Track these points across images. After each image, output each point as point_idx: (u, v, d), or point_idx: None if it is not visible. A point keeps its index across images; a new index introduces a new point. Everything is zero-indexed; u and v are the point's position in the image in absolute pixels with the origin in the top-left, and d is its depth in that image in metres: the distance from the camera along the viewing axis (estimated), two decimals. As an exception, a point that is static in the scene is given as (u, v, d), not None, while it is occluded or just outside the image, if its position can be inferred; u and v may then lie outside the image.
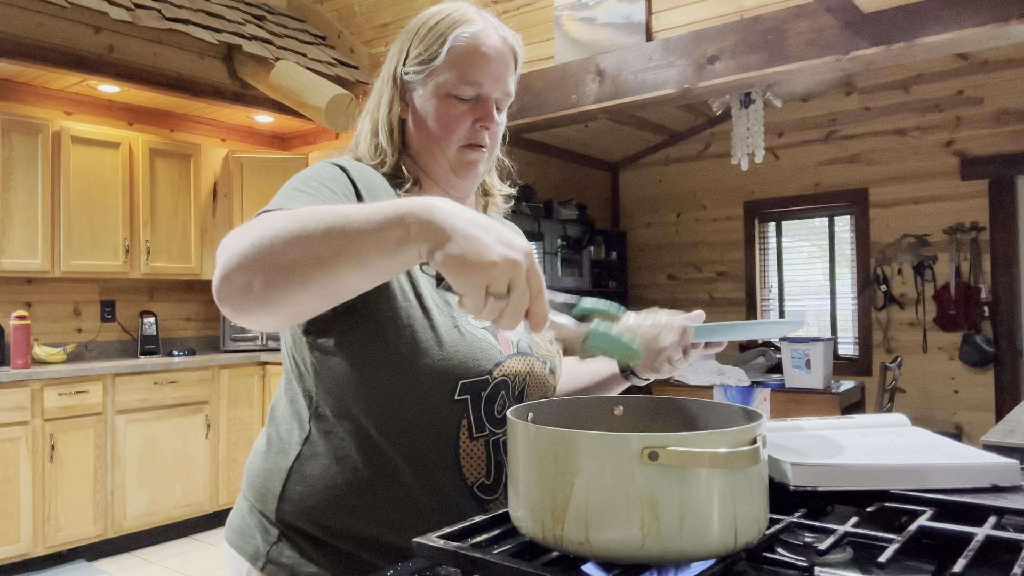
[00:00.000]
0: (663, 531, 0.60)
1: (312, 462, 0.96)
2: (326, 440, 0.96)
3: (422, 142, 1.04)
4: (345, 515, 0.94)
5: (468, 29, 1.00)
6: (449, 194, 1.07)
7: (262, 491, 1.00)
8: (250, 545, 0.99)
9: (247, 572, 0.99)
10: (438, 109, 1.01)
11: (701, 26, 3.48)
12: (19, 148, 3.83)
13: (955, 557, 0.61)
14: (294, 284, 0.72)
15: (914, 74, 5.75)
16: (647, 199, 7.30)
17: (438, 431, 0.93)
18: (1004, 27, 2.79)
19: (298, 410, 1.00)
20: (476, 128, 1.02)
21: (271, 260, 0.72)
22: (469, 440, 0.94)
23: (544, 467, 0.64)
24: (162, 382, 4.11)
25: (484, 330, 0.98)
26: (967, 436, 5.47)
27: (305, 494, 0.96)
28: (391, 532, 0.93)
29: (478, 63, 1.00)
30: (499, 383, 0.96)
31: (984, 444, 1.69)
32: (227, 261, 0.75)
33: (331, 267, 0.71)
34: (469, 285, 0.66)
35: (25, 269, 3.86)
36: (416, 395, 0.92)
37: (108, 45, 3.94)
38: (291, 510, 0.96)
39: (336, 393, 0.95)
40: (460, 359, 0.93)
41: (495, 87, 1.02)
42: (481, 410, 0.95)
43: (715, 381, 3.99)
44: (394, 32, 4.66)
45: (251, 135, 5.28)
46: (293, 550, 0.96)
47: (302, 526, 0.95)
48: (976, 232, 5.51)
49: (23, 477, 3.56)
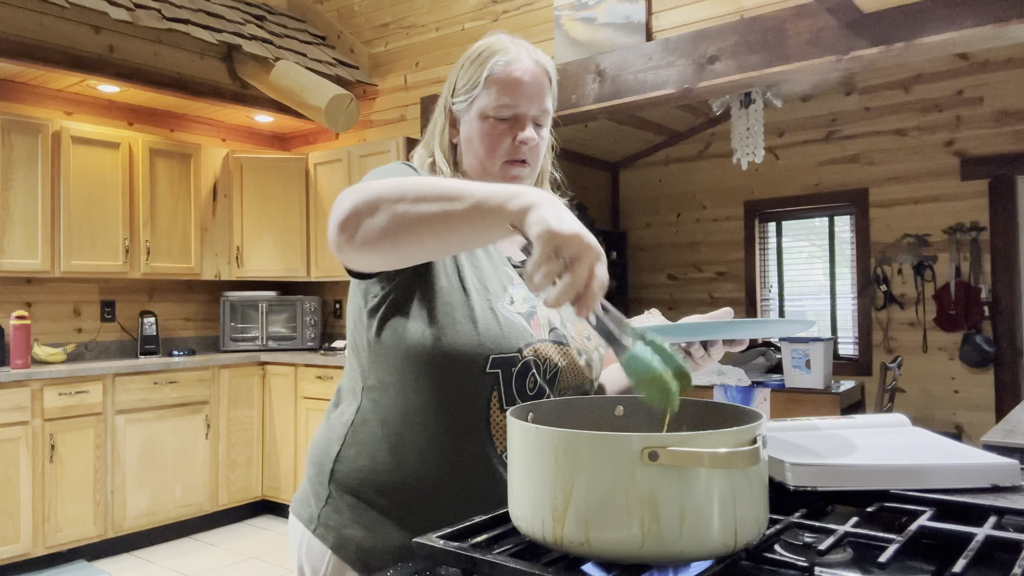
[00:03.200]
0: (663, 531, 0.60)
1: (363, 428, 1.08)
2: (375, 408, 1.08)
3: (471, 161, 1.16)
4: (387, 477, 1.05)
5: (504, 57, 1.13)
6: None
7: (321, 457, 1.12)
8: (306, 511, 1.11)
9: (302, 536, 1.10)
10: (481, 130, 1.14)
11: (701, 26, 3.48)
12: (19, 148, 3.83)
13: (955, 557, 0.61)
14: (406, 234, 0.84)
15: (914, 74, 5.75)
16: (647, 199, 7.30)
17: (471, 401, 1.03)
18: (1004, 27, 2.79)
19: (354, 385, 1.12)
20: (516, 144, 1.13)
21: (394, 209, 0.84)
22: (499, 411, 1.04)
23: (544, 467, 0.64)
24: (162, 382, 4.11)
25: (519, 315, 1.08)
26: (967, 436, 5.47)
27: (356, 456, 1.08)
28: (427, 496, 1.03)
29: (513, 86, 1.12)
30: (528, 362, 1.05)
31: (984, 444, 1.69)
32: (355, 203, 0.87)
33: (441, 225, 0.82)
34: (543, 241, 0.73)
35: (25, 269, 3.86)
36: (452, 366, 1.02)
37: (108, 45, 3.94)
38: (343, 471, 1.08)
39: (385, 364, 1.07)
40: (492, 336, 1.03)
41: (530, 106, 1.13)
42: (512, 384, 1.04)
43: (715, 381, 3.99)
44: (394, 32, 4.66)
45: (251, 135, 5.28)
46: (340, 513, 1.07)
47: (351, 486, 1.07)
48: (976, 232, 5.51)
49: (23, 477, 3.56)
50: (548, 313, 1.13)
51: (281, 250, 4.82)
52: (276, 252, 4.81)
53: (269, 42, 4.36)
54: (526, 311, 1.09)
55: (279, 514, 4.62)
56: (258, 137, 5.33)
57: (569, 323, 1.15)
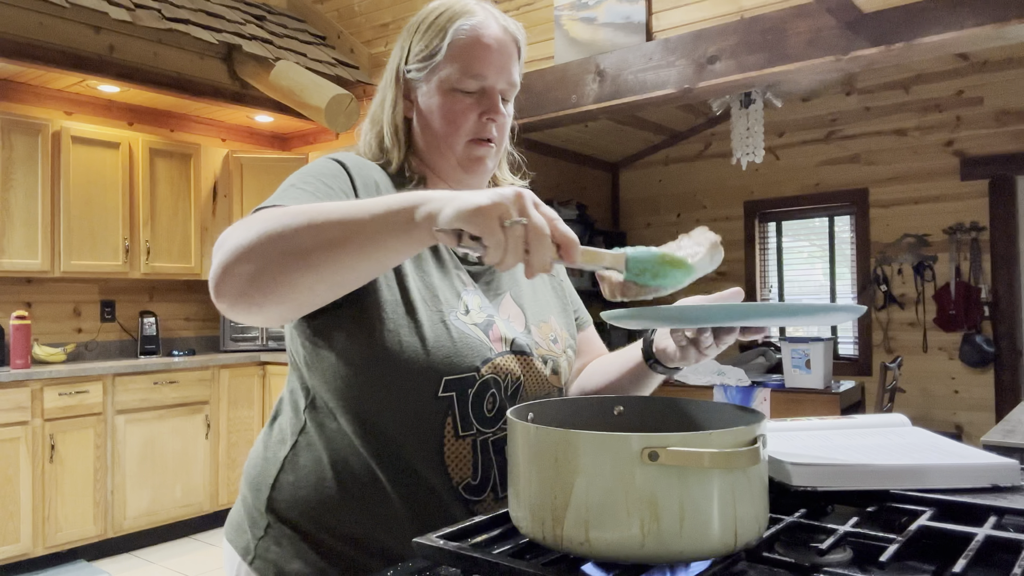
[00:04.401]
0: (663, 531, 0.60)
1: (305, 452, 0.96)
2: (319, 431, 0.96)
3: (428, 139, 1.02)
4: (331, 508, 0.93)
5: (468, 21, 0.99)
6: (456, 189, 1.05)
7: (257, 481, 1.00)
8: (242, 539, 0.99)
9: (239, 567, 0.98)
10: (443, 105, 1.00)
11: (701, 26, 3.48)
12: (19, 148, 3.83)
13: (955, 557, 0.61)
14: (304, 269, 0.73)
15: (914, 74, 5.74)
16: (647, 199, 7.30)
17: (422, 428, 0.91)
18: (1004, 27, 2.79)
19: (296, 400, 1.00)
20: (483, 121, 1.00)
21: (281, 246, 0.72)
22: (455, 439, 0.92)
23: (544, 467, 0.64)
24: (162, 382, 4.11)
25: (475, 326, 0.95)
26: (967, 436, 5.47)
27: (296, 484, 0.95)
28: (375, 529, 0.92)
29: (480, 55, 0.98)
30: (487, 381, 0.94)
31: (984, 444, 1.69)
32: (231, 251, 0.75)
33: (342, 250, 0.72)
34: (483, 223, 0.66)
35: (25, 269, 3.86)
36: (399, 391, 0.90)
37: (108, 45, 3.94)
38: (281, 499, 0.96)
39: (327, 385, 0.94)
40: (444, 355, 0.91)
41: (499, 78, 1.00)
42: (468, 408, 0.93)
43: (715, 381, 3.99)
44: (394, 32, 4.66)
45: (251, 135, 5.28)
46: (279, 546, 0.95)
47: (290, 517, 0.95)
48: (976, 232, 5.51)
49: (23, 477, 3.56)
50: (508, 320, 1.02)
51: (281, 250, 4.82)
52: (276, 252, 4.81)
53: (269, 42, 4.36)
54: (483, 321, 0.97)
55: (279, 514, 4.62)
56: (258, 137, 5.33)
57: (534, 327, 1.04)
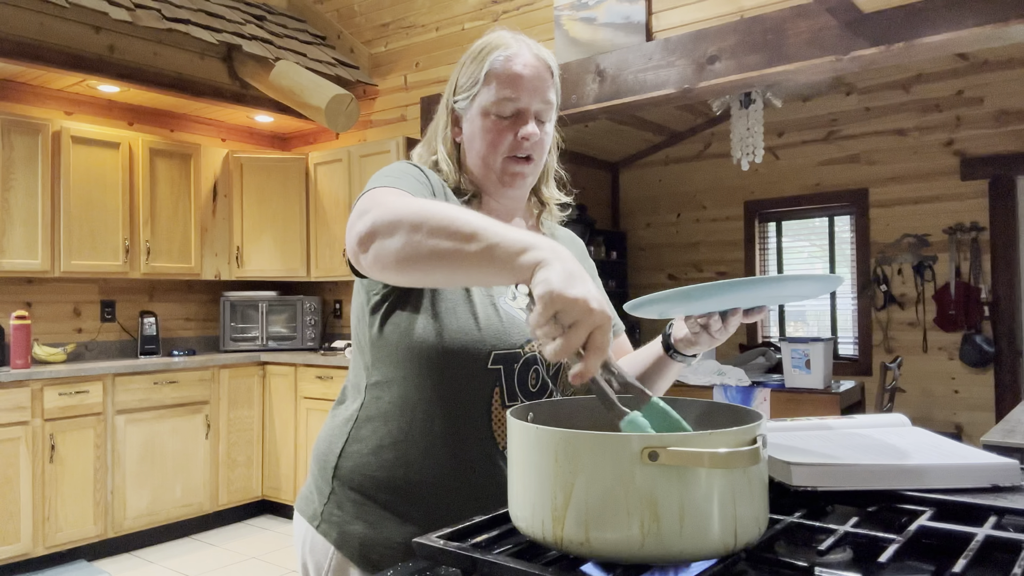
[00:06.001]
0: (663, 531, 0.60)
1: (367, 424, 1.09)
2: (378, 404, 1.09)
3: (473, 159, 1.15)
4: (388, 473, 1.05)
5: (504, 52, 1.11)
6: (502, 204, 1.18)
7: (325, 453, 1.12)
8: (309, 507, 1.12)
9: (306, 533, 1.11)
10: (482, 127, 1.12)
11: (701, 26, 3.48)
12: (19, 148, 3.83)
13: (955, 557, 0.61)
14: (436, 263, 0.83)
15: (914, 74, 5.75)
16: (647, 199, 7.30)
17: (474, 396, 1.05)
18: (1004, 27, 2.79)
19: (358, 382, 1.13)
20: (517, 140, 1.11)
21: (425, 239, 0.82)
22: (502, 407, 1.06)
23: (544, 467, 0.64)
24: (162, 382, 4.11)
25: (521, 310, 1.09)
26: (967, 436, 5.47)
27: (358, 452, 1.08)
28: (430, 492, 1.04)
29: (513, 81, 1.10)
30: (530, 358, 1.08)
31: (984, 444, 1.69)
32: (384, 219, 0.86)
33: (470, 259, 0.81)
34: (544, 303, 0.71)
35: (25, 269, 3.86)
36: (455, 361, 1.04)
37: (108, 45, 3.94)
38: (346, 466, 1.09)
39: (387, 361, 1.08)
40: (493, 332, 1.05)
41: (532, 100, 1.11)
42: (515, 380, 1.06)
43: (715, 381, 3.99)
44: (394, 32, 4.66)
45: (251, 135, 5.28)
46: (341, 509, 1.08)
47: (353, 483, 1.08)
48: (976, 232, 5.51)
49: (23, 477, 3.56)
50: None
51: (281, 250, 4.82)
52: (276, 252, 4.81)
53: (269, 42, 4.36)
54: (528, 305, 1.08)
55: (279, 514, 4.62)
56: (258, 137, 5.33)
57: None
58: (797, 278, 0.85)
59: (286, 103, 4.35)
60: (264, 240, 4.81)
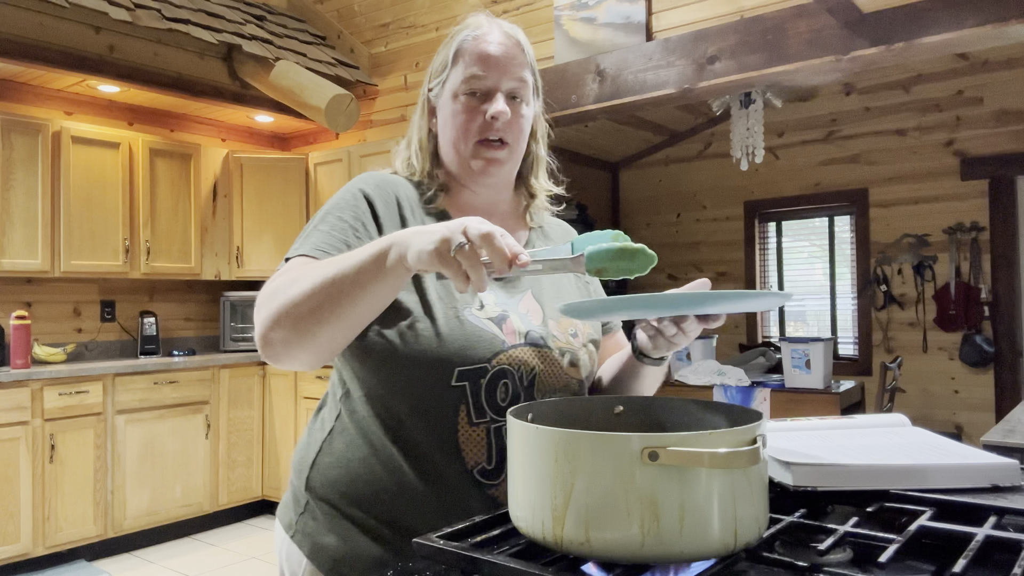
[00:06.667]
0: (663, 531, 0.60)
1: (340, 437, 1.06)
2: (351, 419, 1.06)
3: (447, 147, 1.11)
4: (360, 488, 1.02)
5: (473, 32, 1.08)
6: (481, 195, 1.13)
7: (300, 463, 1.10)
8: (286, 516, 1.10)
9: (283, 542, 1.09)
10: (452, 110, 1.08)
11: (701, 26, 3.48)
12: (19, 148, 3.83)
13: (955, 557, 0.61)
14: (320, 324, 0.88)
15: (914, 74, 5.74)
16: (647, 199, 7.30)
17: (437, 415, 0.99)
18: (1004, 27, 2.79)
19: (335, 391, 1.11)
20: (488, 121, 1.05)
21: (297, 313, 0.89)
22: (469, 426, 0.99)
23: (544, 467, 0.64)
24: (162, 382, 4.11)
25: (489, 320, 1.03)
26: (967, 436, 5.47)
27: (330, 465, 1.05)
28: (400, 510, 1.00)
29: (482, 59, 1.06)
30: (500, 371, 1.00)
31: (984, 444, 1.69)
32: (264, 322, 0.92)
33: (341, 302, 0.87)
34: (439, 259, 0.78)
35: (25, 269, 3.86)
36: (416, 381, 0.99)
37: (108, 45, 3.94)
38: (318, 479, 1.06)
39: (358, 376, 1.05)
40: (457, 347, 0.99)
41: (502, 78, 1.06)
42: (482, 397, 0.99)
43: (715, 381, 3.99)
44: (394, 32, 4.66)
45: (251, 135, 5.28)
46: (315, 520, 1.05)
47: (326, 496, 1.05)
48: (976, 232, 5.51)
49: (23, 477, 3.56)
50: (526, 314, 1.07)
51: (281, 250, 4.82)
52: (276, 252, 4.81)
53: (269, 42, 4.36)
54: (497, 315, 1.04)
55: (279, 514, 4.62)
56: (258, 137, 5.33)
57: (552, 320, 1.09)
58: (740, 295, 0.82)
59: (286, 103, 4.35)
60: (264, 240, 4.81)
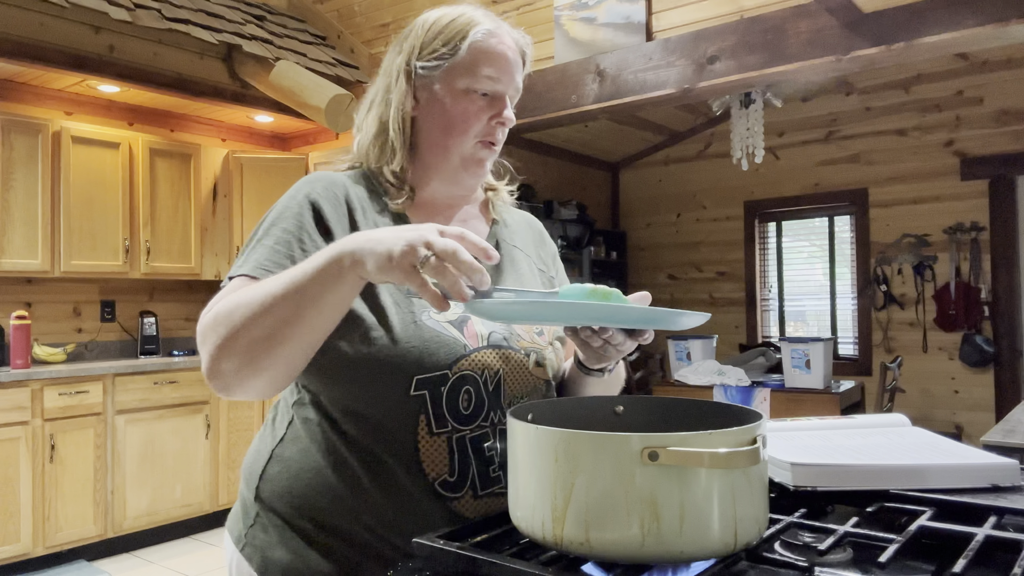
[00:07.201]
0: (663, 531, 0.60)
1: (292, 445, 1.00)
2: (304, 426, 0.99)
3: (435, 138, 1.04)
4: (312, 500, 0.96)
5: (485, 27, 1.04)
6: (448, 191, 1.08)
7: (250, 471, 1.04)
8: (236, 528, 1.03)
9: (232, 555, 1.03)
10: (457, 104, 1.02)
11: (701, 26, 3.48)
12: (19, 148, 3.83)
13: (955, 557, 0.61)
14: (274, 347, 0.83)
15: (914, 74, 5.75)
16: (647, 199, 7.30)
17: (396, 426, 0.93)
18: (1004, 27, 2.79)
19: (288, 396, 1.04)
20: (492, 124, 1.04)
21: (247, 337, 0.83)
22: (429, 436, 0.93)
23: (544, 467, 0.64)
24: (162, 382, 4.11)
25: (448, 323, 0.97)
26: (967, 436, 5.47)
27: (281, 474, 0.99)
28: (355, 523, 0.94)
29: (497, 60, 1.03)
30: (462, 377, 0.95)
31: (984, 444, 1.69)
32: (210, 354, 0.86)
33: (295, 320, 0.82)
34: (402, 271, 0.75)
35: (25, 269, 3.86)
36: (372, 391, 0.94)
37: (108, 45, 3.94)
38: (268, 489, 1.00)
39: (312, 383, 0.99)
40: (416, 355, 0.93)
41: (510, 84, 1.05)
42: (443, 406, 0.94)
43: (715, 381, 3.99)
44: (395, 32, 4.66)
45: (251, 135, 5.28)
46: (265, 533, 0.99)
47: (276, 507, 0.99)
48: (976, 232, 5.51)
49: (23, 477, 3.56)
50: None
51: (281, 250, 4.82)
52: (276, 252, 4.81)
53: (269, 42, 4.36)
54: (458, 318, 0.98)
55: (279, 514, 4.62)
56: (258, 137, 5.33)
57: None
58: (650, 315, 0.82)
59: (286, 103, 4.35)
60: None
